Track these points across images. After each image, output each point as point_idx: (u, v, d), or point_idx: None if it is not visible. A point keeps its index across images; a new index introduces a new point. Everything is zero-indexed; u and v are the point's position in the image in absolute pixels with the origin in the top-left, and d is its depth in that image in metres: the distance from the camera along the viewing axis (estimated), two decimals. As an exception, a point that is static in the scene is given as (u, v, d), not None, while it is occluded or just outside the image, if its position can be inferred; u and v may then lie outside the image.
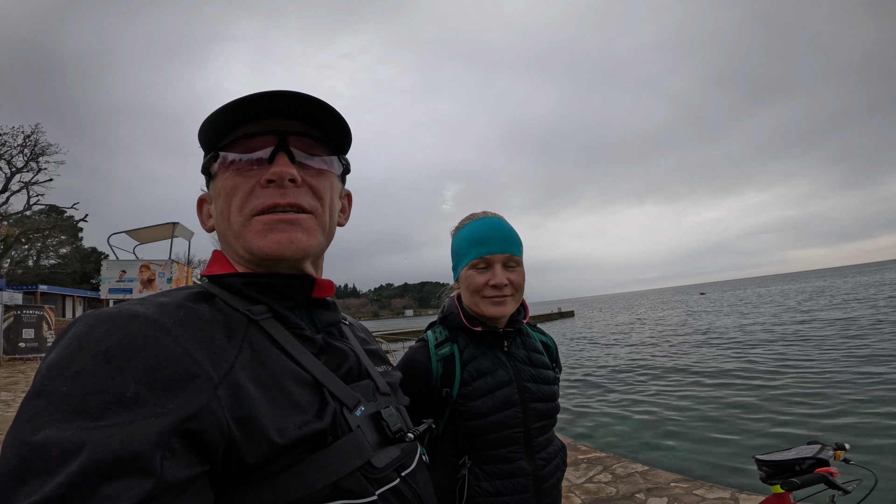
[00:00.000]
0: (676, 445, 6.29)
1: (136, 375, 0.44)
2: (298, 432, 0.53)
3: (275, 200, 0.63)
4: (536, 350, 1.35)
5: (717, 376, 10.45)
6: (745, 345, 14.67)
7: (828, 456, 1.74)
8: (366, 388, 0.68)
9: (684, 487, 3.70)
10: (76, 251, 41.11)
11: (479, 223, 1.30)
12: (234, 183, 0.64)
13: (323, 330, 0.70)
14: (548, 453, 1.26)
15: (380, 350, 0.86)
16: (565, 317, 51.82)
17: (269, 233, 0.63)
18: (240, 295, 0.64)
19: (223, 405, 0.48)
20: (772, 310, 27.78)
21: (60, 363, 0.45)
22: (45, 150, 28.66)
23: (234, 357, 0.53)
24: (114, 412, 0.42)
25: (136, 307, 0.51)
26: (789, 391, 8.43)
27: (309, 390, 0.59)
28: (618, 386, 10.70)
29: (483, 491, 1.17)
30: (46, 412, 0.42)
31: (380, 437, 0.64)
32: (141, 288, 18.15)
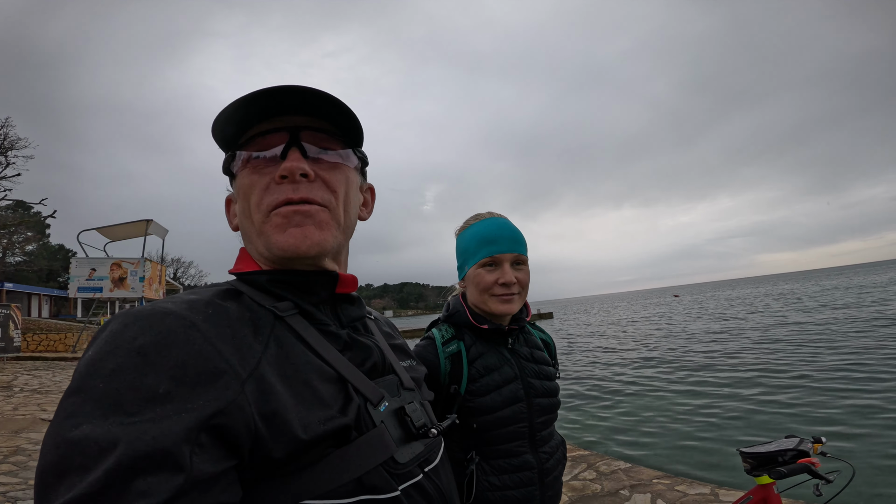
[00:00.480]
0: (656, 443, 6.40)
1: (168, 372, 0.46)
2: (323, 428, 0.54)
3: (287, 196, 0.63)
4: (538, 347, 1.39)
5: (694, 374, 10.69)
6: (721, 344, 15.05)
7: (807, 448, 1.83)
8: (390, 384, 0.69)
9: (666, 483, 3.77)
10: (43, 248, 39.67)
11: (487, 223, 1.33)
12: (251, 181, 0.65)
13: (348, 325, 0.70)
14: (550, 447, 1.30)
15: (405, 345, 0.86)
16: (544, 318, 52.37)
17: (287, 226, 0.63)
18: (266, 292, 0.64)
19: (250, 401, 0.49)
20: (744, 311, 28.60)
21: (97, 361, 0.46)
22: (14, 144, 27.61)
23: (260, 353, 0.54)
24: (147, 408, 0.43)
25: (168, 305, 0.53)
26: (764, 388, 8.67)
27: (333, 386, 0.59)
28: (598, 385, 10.84)
29: (491, 485, 1.20)
30: (84, 409, 0.43)
31: (403, 432, 0.64)
32: (112, 286, 17.62)
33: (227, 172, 0.71)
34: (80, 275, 17.38)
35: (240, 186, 0.67)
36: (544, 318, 52.63)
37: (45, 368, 13.25)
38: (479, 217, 1.38)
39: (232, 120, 0.65)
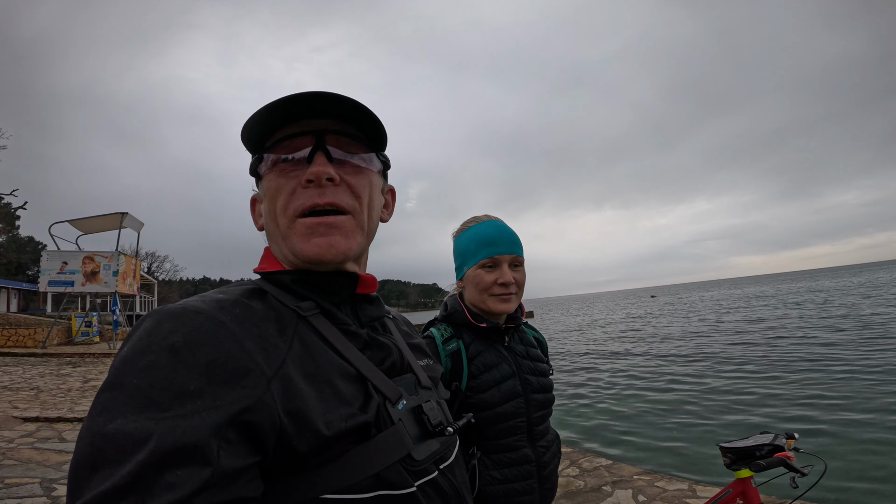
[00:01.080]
0: (636, 441, 6.54)
1: (199, 369, 0.48)
2: (345, 425, 0.55)
3: (314, 201, 0.65)
4: (532, 345, 1.45)
5: (670, 373, 10.94)
6: (694, 344, 15.41)
7: (782, 443, 1.91)
8: (408, 382, 0.70)
9: (646, 480, 3.86)
10: (12, 240, 38.28)
11: (487, 226, 1.38)
12: (277, 184, 0.67)
13: (367, 324, 0.72)
14: (547, 441, 1.35)
15: (422, 344, 0.88)
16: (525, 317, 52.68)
17: (311, 236, 0.65)
18: (289, 291, 0.66)
19: (275, 398, 0.51)
20: (719, 310, 29.33)
21: (133, 357, 0.48)
22: (-18, 133, 26.55)
23: (285, 352, 0.56)
24: (178, 404, 0.45)
25: (199, 304, 0.55)
26: (738, 386, 8.92)
27: (354, 384, 0.61)
28: (580, 383, 11.00)
29: (493, 479, 1.24)
30: (119, 404, 0.45)
31: (420, 430, 0.66)
32: (84, 280, 17.11)
33: (254, 174, 0.73)
34: (50, 268, 16.83)
35: (266, 189, 0.68)
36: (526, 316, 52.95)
37: (15, 364, 12.82)
38: (478, 220, 1.42)
39: (259, 123, 0.66)
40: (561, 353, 17.12)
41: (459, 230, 1.44)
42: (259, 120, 0.65)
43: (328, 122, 0.68)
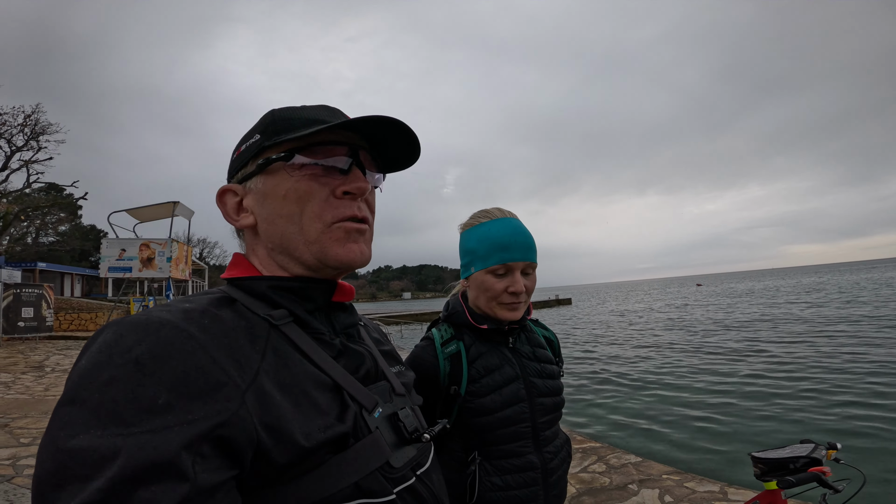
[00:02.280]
0: (671, 438, 6.42)
1: (166, 383, 0.46)
2: (323, 435, 0.55)
3: (354, 212, 0.67)
4: (540, 345, 1.37)
5: (716, 368, 10.60)
6: (745, 339, 14.83)
7: (821, 455, 1.81)
8: (382, 390, 0.70)
9: (675, 480, 3.80)
10: (75, 229, 41.07)
11: (501, 226, 1.26)
12: (308, 188, 0.65)
13: (341, 332, 0.72)
14: (554, 446, 1.29)
15: (394, 350, 0.88)
16: (562, 304, 52.14)
17: (346, 241, 0.67)
18: (261, 299, 0.65)
19: (251, 412, 0.50)
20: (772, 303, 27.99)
21: (91, 371, 0.46)
22: (46, 130, 28.45)
23: (258, 363, 0.55)
24: (147, 419, 0.44)
25: (163, 314, 0.53)
26: (787, 387, 8.56)
27: (329, 394, 0.60)
28: (615, 376, 10.84)
29: (494, 485, 1.19)
30: (80, 419, 0.43)
31: (397, 437, 0.66)
32: (140, 266, 18.18)
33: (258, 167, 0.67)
34: (110, 255, 17.98)
35: (291, 190, 0.65)
36: (563, 304, 52.39)
37: (77, 348, 13.76)
38: (490, 215, 1.30)
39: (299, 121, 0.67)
40: (598, 342, 16.85)
41: (469, 224, 1.33)
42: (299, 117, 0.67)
43: (356, 136, 0.70)
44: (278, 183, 0.66)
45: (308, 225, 0.65)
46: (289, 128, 0.66)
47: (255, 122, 0.71)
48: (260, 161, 0.67)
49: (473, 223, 1.32)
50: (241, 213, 0.70)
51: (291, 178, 0.65)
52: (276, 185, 0.66)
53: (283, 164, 0.66)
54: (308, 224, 0.65)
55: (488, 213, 1.31)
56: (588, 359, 13.51)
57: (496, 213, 1.31)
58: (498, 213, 1.31)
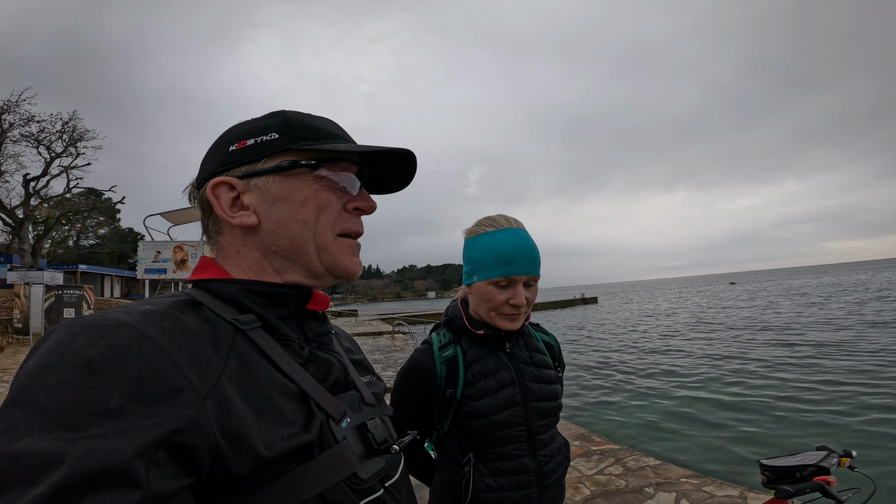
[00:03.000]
0: (692, 441, 6.32)
1: (120, 387, 0.44)
2: (286, 445, 0.54)
3: (359, 228, 0.73)
4: (538, 350, 1.39)
5: (745, 371, 10.33)
6: (774, 340, 14.38)
7: (831, 464, 1.75)
8: (352, 400, 0.69)
9: (694, 483, 3.76)
10: (114, 232, 42.85)
11: (506, 238, 1.26)
12: (327, 199, 0.68)
13: (312, 340, 0.70)
14: (550, 450, 1.31)
15: (365, 360, 0.87)
16: (588, 303, 51.38)
17: (352, 255, 0.71)
18: (230, 303, 0.63)
19: (210, 419, 0.48)
20: (809, 302, 27.00)
21: (39, 372, 0.45)
22: (83, 136, 29.69)
23: (220, 369, 0.53)
24: (96, 424, 0.42)
25: (121, 315, 0.50)
26: (815, 391, 8.29)
27: (295, 402, 0.59)
28: (638, 377, 10.68)
29: (487, 487, 1.23)
30: (24, 422, 0.42)
31: (365, 448, 0.65)
32: (175, 268, 18.86)
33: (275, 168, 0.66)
34: (146, 257, 18.73)
35: (310, 197, 0.67)
36: (588, 303, 51.67)
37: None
38: (496, 224, 1.30)
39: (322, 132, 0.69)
40: (623, 342, 16.60)
41: (474, 231, 1.33)
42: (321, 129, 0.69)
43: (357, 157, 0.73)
44: (297, 188, 0.66)
45: (321, 233, 0.67)
46: (314, 136, 0.67)
47: (259, 117, 0.70)
48: (281, 162, 0.65)
49: (479, 231, 1.31)
50: (237, 209, 0.67)
51: (313, 186, 0.67)
52: (295, 189, 0.66)
53: (310, 172, 0.67)
54: (321, 232, 0.67)
55: (494, 221, 1.31)
56: (612, 357, 13.33)
57: (502, 222, 1.30)
58: (504, 222, 1.30)
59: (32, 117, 27.48)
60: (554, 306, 47.51)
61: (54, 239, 33.69)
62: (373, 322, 25.77)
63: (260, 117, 0.70)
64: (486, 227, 1.30)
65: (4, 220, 28.14)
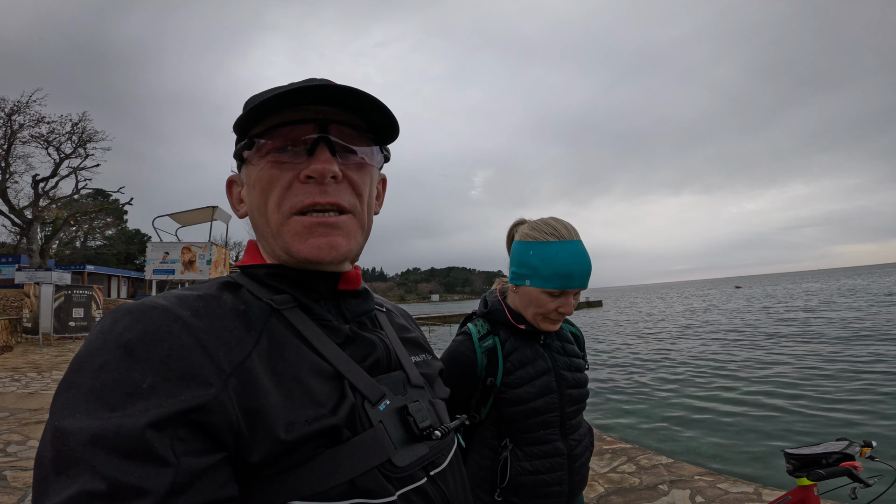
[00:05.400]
0: (705, 440, 6.31)
1: (153, 367, 0.46)
2: (307, 428, 0.51)
3: (315, 199, 0.59)
4: (568, 341, 1.46)
5: (750, 370, 10.30)
6: (780, 339, 14.32)
7: (854, 451, 1.82)
8: (395, 381, 0.65)
9: (708, 481, 3.77)
10: (121, 233, 43.16)
11: (567, 253, 1.27)
12: (270, 176, 0.60)
13: (353, 319, 0.67)
14: (579, 435, 1.39)
15: (420, 338, 0.81)
16: (593, 306, 51.27)
17: (309, 236, 0.59)
18: (266, 286, 0.62)
19: (232, 397, 0.48)
20: (811, 305, 26.87)
21: (87, 357, 0.47)
22: (93, 137, 29.96)
23: (251, 347, 0.53)
24: (130, 403, 0.44)
25: (158, 299, 0.53)
26: (824, 388, 8.26)
27: (329, 383, 0.56)
28: (648, 378, 10.66)
29: (524, 470, 1.29)
30: (72, 404, 0.44)
31: (406, 433, 0.60)
32: (182, 269, 19.04)
33: (238, 157, 0.66)
34: (155, 258, 18.89)
35: (257, 178, 0.61)
36: (593, 306, 51.56)
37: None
38: (558, 234, 1.30)
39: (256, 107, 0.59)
40: (629, 344, 16.57)
41: (533, 236, 1.32)
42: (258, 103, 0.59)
43: (333, 110, 0.61)
44: (250, 172, 0.63)
45: (271, 216, 0.61)
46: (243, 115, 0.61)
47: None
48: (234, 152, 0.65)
49: (538, 238, 1.31)
50: (241, 203, 0.68)
51: (257, 166, 0.61)
52: (249, 174, 0.63)
53: (251, 153, 0.62)
54: (271, 215, 0.61)
55: (555, 230, 1.30)
56: (619, 359, 13.31)
57: (563, 231, 1.30)
58: (565, 232, 1.30)
59: (42, 118, 27.79)
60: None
61: (62, 240, 33.97)
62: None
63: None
64: (546, 236, 1.30)
65: (13, 221, 28.41)
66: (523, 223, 1.41)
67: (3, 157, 27.23)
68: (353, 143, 0.63)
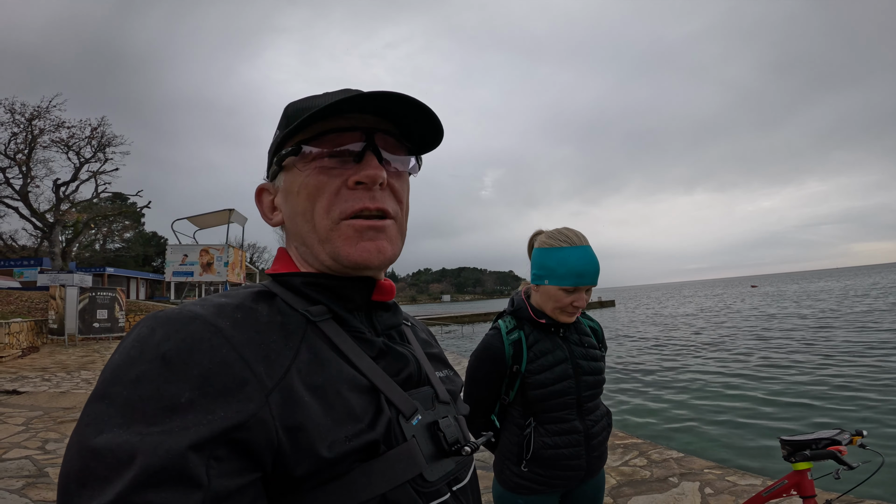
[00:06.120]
0: (716, 435, 6.42)
1: (191, 380, 0.45)
2: (349, 445, 0.52)
3: (365, 204, 0.61)
4: (586, 333, 1.69)
5: (763, 367, 10.32)
6: (789, 337, 14.26)
7: (843, 439, 2.00)
8: (425, 396, 0.65)
9: (717, 473, 3.89)
10: (139, 235, 44.09)
11: (579, 255, 1.52)
12: (318, 182, 0.61)
13: (383, 333, 0.67)
14: (596, 416, 1.61)
15: (442, 354, 0.83)
16: (605, 306, 51.05)
17: (359, 240, 0.61)
18: (300, 295, 0.62)
19: (274, 414, 0.47)
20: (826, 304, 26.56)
21: (123, 366, 0.46)
22: (111, 142, 30.65)
23: (290, 360, 0.52)
24: (168, 419, 0.43)
25: (197, 308, 0.51)
26: (834, 382, 8.29)
27: (365, 396, 0.57)
28: (660, 376, 10.73)
29: (545, 444, 1.52)
30: (106, 416, 0.43)
31: (435, 448, 0.61)
32: (201, 271, 19.49)
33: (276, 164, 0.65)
34: (174, 260, 19.36)
35: (302, 185, 0.62)
36: (606, 306, 51.36)
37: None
38: (569, 240, 1.54)
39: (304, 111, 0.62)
40: (641, 343, 16.58)
41: (548, 243, 1.57)
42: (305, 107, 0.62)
43: (376, 119, 0.64)
44: (293, 178, 0.63)
45: (319, 222, 0.61)
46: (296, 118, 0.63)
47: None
48: (276, 158, 0.64)
49: (553, 244, 1.56)
50: (274, 211, 0.68)
51: (303, 172, 0.62)
52: (292, 180, 0.63)
53: (294, 159, 0.62)
54: (319, 221, 0.61)
55: (567, 237, 1.55)
56: (630, 358, 13.36)
57: (574, 238, 1.55)
58: (576, 238, 1.55)
59: (62, 123, 28.48)
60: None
61: (82, 243, 34.78)
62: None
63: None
64: (560, 242, 1.55)
65: (35, 224, 29.17)
66: (541, 233, 1.65)
67: (24, 162, 27.97)
68: (394, 152, 0.65)
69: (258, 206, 0.69)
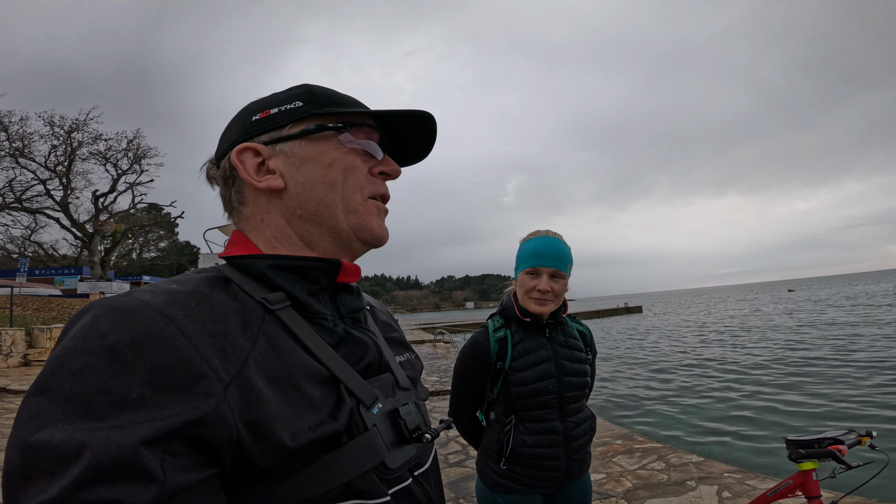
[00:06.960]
0: (738, 441, 6.28)
1: (141, 374, 0.43)
2: (312, 435, 0.52)
3: (385, 191, 0.71)
4: (572, 336, 1.71)
5: (798, 374, 10.01)
6: (824, 343, 13.76)
7: (849, 439, 1.97)
8: (385, 383, 0.66)
9: (737, 478, 3.83)
10: (173, 245, 45.60)
11: (539, 240, 1.63)
12: (352, 161, 0.67)
13: (347, 317, 0.68)
14: (578, 418, 1.61)
15: (403, 337, 0.84)
16: (632, 312, 50.16)
17: (380, 218, 0.69)
18: (258, 280, 0.60)
19: (233, 408, 0.46)
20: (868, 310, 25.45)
21: (65, 358, 0.44)
22: (147, 153, 31.93)
23: (247, 352, 0.51)
24: (116, 413, 0.41)
25: (146, 296, 0.49)
26: (865, 388, 7.99)
27: (325, 387, 0.56)
28: (685, 381, 10.52)
29: (524, 443, 1.54)
30: (48, 411, 0.41)
31: (396, 435, 0.62)
32: (229, 279, 20.11)
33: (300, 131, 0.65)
34: (204, 268, 19.96)
35: (337, 160, 0.65)
36: (633, 311, 50.41)
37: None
38: (538, 233, 1.67)
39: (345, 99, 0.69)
40: (669, 348, 16.24)
41: (523, 239, 1.71)
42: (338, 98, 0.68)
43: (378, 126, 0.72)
44: (324, 151, 0.65)
45: (349, 195, 0.66)
46: (337, 103, 0.67)
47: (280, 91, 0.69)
48: (307, 127, 0.64)
49: (525, 238, 1.70)
50: (263, 173, 0.64)
51: (339, 149, 0.66)
52: (322, 152, 0.65)
53: (336, 134, 0.66)
54: (349, 194, 0.66)
55: (538, 231, 1.70)
56: (657, 363, 13.13)
57: (543, 232, 1.68)
58: (544, 232, 1.67)
59: (100, 135, 29.85)
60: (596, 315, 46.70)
61: (119, 252, 36.18)
62: (413, 331, 26.20)
63: (282, 91, 0.69)
64: (530, 235, 1.70)
65: (75, 234, 30.53)
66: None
67: (64, 174, 29.34)
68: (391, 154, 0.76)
69: (238, 164, 0.64)
